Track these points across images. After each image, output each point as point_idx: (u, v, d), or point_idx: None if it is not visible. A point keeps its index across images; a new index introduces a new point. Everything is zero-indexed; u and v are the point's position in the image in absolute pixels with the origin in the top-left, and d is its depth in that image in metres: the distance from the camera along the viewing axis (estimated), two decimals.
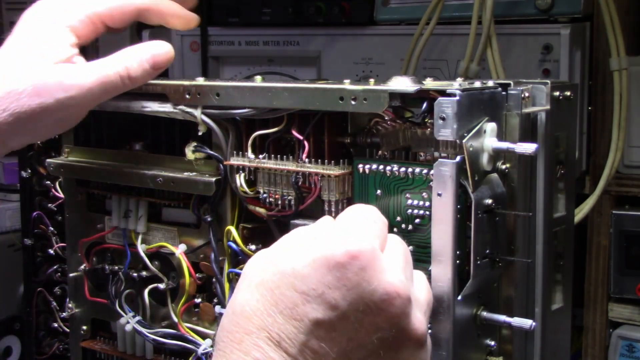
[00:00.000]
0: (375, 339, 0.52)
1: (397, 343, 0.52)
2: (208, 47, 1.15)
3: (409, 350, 0.53)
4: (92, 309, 0.84)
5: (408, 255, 0.57)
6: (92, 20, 0.72)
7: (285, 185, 0.68)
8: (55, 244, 0.88)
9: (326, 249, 0.52)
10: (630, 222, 0.93)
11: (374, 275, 0.51)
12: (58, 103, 0.67)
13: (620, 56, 0.88)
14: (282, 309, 0.51)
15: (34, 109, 0.67)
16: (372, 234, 0.55)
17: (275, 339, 0.51)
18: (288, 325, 0.51)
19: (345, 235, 0.53)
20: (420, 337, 0.53)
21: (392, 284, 0.51)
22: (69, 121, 0.70)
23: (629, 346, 0.95)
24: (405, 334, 0.52)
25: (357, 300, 0.51)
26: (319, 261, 0.51)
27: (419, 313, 0.54)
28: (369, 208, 0.58)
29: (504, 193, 0.60)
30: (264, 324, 0.51)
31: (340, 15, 1.05)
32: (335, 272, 0.51)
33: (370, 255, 0.51)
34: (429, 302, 0.57)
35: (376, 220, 0.57)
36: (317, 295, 0.51)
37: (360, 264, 0.51)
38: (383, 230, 0.57)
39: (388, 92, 0.60)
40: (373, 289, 0.51)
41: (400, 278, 0.52)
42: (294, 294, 0.51)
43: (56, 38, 0.70)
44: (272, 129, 0.68)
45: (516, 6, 0.92)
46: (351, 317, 0.51)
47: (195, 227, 0.75)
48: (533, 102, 0.61)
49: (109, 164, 0.77)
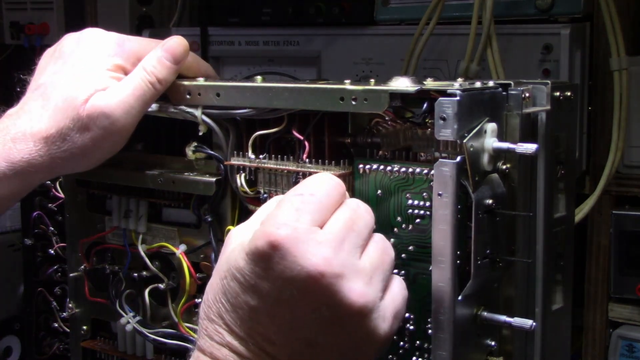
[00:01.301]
0: (314, 317, 0.55)
1: (337, 318, 0.55)
2: (208, 47, 1.15)
3: (353, 322, 0.55)
4: (93, 309, 0.84)
5: (354, 223, 0.57)
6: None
7: (285, 186, 0.68)
8: (56, 244, 0.88)
9: (253, 242, 0.55)
10: (630, 222, 0.93)
11: (295, 260, 0.54)
12: (105, 131, 0.69)
13: (620, 56, 0.88)
14: (229, 298, 0.56)
15: (86, 143, 0.70)
16: (302, 213, 0.56)
17: (228, 325, 0.56)
18: (234, 313, 0.56)
19: (271, 223, 0.55)
20: (360, 308, 0.55)
21: (313, 266, 0.54)
22: (118, 144, 0.72)
23: (629, 346, 0.94)
24: (342, 308, 0.54)
25: (284, 286, 0.54)
26: (249, 254, 0.55)
27: (357, 283, 0.55)
28: (313, 178, 0.59)
29: (505, 193, 0.60)
30: (219, 311, 0.57)
31: (340, 15, 1.05)
32: (261, 264, 0.55)
33: (290, 241, 0.54)
34: (377, 266, 0.57)
35: (315, 192, 0.57)
36: (251, 285, 0.55)
37: (281, 253, 0.54)
38: (323, 201, 0.57)
39: (388, 92, 0.60)
40: (296, 274, 0.54)
41: (325, 255, 0.54)
42: (235, 284, 0.56)
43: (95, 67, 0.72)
44: (273, 129, 0.68)
45: (516, 6, 0.92)
46: (285, 302, 0.55)
47: (195, 227, 0.75)
48: (533, 102, 0.61)
49: (109, 164, 0.77)
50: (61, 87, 0.70)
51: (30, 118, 0.70)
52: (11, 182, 0.70)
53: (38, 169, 0.70)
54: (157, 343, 0.77)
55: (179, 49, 0.72)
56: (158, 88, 0.71)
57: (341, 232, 0.56)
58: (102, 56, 0.72)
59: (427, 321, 0.61)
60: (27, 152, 0.70)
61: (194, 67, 0.75)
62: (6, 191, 0.71)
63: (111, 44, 0.72)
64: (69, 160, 0.70)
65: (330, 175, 0.60)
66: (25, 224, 0.91)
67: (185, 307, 0.76)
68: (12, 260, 1.13)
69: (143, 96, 0.70)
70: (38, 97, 0.71)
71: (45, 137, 0.69)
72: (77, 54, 0.72)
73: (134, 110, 0.70)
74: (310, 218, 0.56)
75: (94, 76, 0.70)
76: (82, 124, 0.69)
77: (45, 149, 0.69)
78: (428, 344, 0.61)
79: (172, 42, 0.72)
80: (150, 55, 0.72)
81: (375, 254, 0.58)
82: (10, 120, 0.71)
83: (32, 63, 0.76)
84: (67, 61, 0.72)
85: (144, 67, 0.71)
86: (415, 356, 0.62)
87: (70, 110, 0.69)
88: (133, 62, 0.72)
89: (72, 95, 0.69)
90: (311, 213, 0.56)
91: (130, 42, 0.73)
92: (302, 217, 0.55)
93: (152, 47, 0.73)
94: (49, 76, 0.72)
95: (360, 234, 0.57)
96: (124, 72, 0.72)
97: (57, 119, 0.69)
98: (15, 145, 0.70)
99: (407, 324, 0.62)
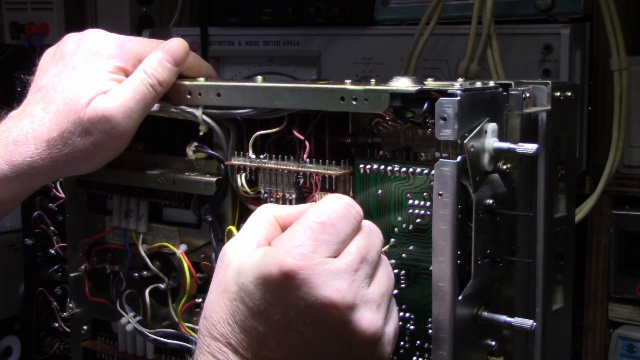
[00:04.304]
0: (323, 345, 0.55)
1: (346, 346, 0.55)
2: (208, 47, 1.15)
3: (362, 349, 0.55)
4: (93, 309, 0.84)
5: (368, 252, 0.57)
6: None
7: (286, 185, 0.68)
8: (56, 244, 0.88)
9: (266, 267, 0.54)
10: (630, 222, 0.93)
11: (309, 292, 0.53)
12: (107, 135, 0.69)
13: (620, 56, 0.88)
14: (237, 320, 0.56)
15: (87, 147, 0.69)
16: (321, 244, 0.55)
17: (234, 346, 0.56)
18: (242, 335, 0.56)
19: (286, 249, 0.54)
20: (371, 336, 0.55)
21: (328, 298, 0.54)
22: (120, 147, 0.72)
23: (629, 346, 0.95)
24: (352, 337, 0.55)
25: (297, 315, 0.54)
26: (260, 279, 0.55)
27: (368, 312, 0.55)
28: (336, 204, 0.57)
29: (505, 193, 0.60)
30: (225, 332, 0.56)
31: (340, 15, 1.05)
32: (275, 291, 0.54)
33: (306, 272, 0.54)
34: (384, 293, 0.57)
35: (336, 222, 0.56)
36: (261, 311, 0.55)
37: (296, 283, 0.54)
38: (342, 232, 0.56)
39: (389, 92, 0.60)
40: (310, 305, 0.54)
41: (339, 287, 0.54)
42: (244, 307, 0.55)
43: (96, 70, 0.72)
44: (273, 129, 0.68)
45: (516, 6, 0.92)
46: (295, 330, 0.55)
47: (196, 227, 0.75)
48: (534, 103, 0.61)
49: (109, 164, 0.77)
50: (62, 89, 0.70)
51: (32, 121, 0.70)
52: (13, 185, 0.70)
53: (39, 172, 0.70)
54: (158, 343, 0.77)
55: (179, 51, 0.72)
56: (159, 90, 0.71)
57: (355, 264, 0.56)
58: (102, 58, 0.72)
59: (427, 321, 0.61)
60: (29, 155, 0.70)
61: (195, 67, 0.75)
62: (8, 194, 0.71)
63: (112, 45, 0.72)
64: (70, 163, 0.70)
65: (351, 202, 0.58)
66: (26, 223, 0.91)
67: (186, 307, 0.76)
68: (12, 260, 1.14)
69: (144, 99, 0.70)
70: (40, 99, 0.71)
71: (47, 140, 0.69)
72: (77, 55, 0.72)
73: (135, 113, 0.70)
74: (327, 250, 0.55)
75: (94, 79, 0.70)
76: (83, 128, 0.69)
77: (47, 151, 0.69)
78: (428, 344, 0.61)
79: (172, 44, 0.72)
80: (150, 57, 0.72)
81: (382, 280, 0.58)
82: (12, 122, 0.71)
83: (32, 63, 0.76)
84: (68, 63, 0.72)
85: (145, 70, 0.71)
86: (416, 356, 0.62)
87: (72, 114, 0.69)
88: (134, 64, 0.72)
89: (74, 99, 0.69)
90: (329, 245, 0.55)
91: (131, 42, 0.73)
92: (319, 249, 0.55)
93: (153, 48, 0.73)
94: (50, 78, 0.72)
95: (372, 263, 0.57)
96: (125, 73, 0.72)
97: (59, 122, 0.69)
98: (17, 148, 0.70)
99: (407, 323, 0.62)
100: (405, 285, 0.62)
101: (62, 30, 1.29)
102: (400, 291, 0.62)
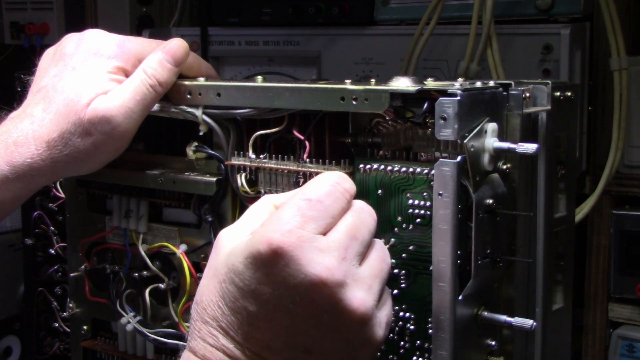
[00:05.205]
0: (313, 324, 0.55)
1: (336, 325, 0.55)
2: (208, 47, 1.15)
3: (353, 329, 0.56)
4: (93, 309, 0.84)
5: (358, 230, 0.57)
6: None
7: (286, 185, 0.68)
8: (56, 244, 0.88)
9: (254, 246, 0.55)
10: (630, 222, 0.93)
11: (298, 269, 0.54)
12: (107, 136, 0.69)
13: (620, 56, 0.88)
14: (227, 302, 0.56)
15: (88, 147, 0.70)
16: (308, 220, 0.55)
17: (224, 329, 0.56)
18: (232, 317, 0.56)
19: (273, 227, 0.55)
20: (361, 315, 0.55)
21: (317, 275, 0.54)
22: (120, 148, 0.72)
23: (629, 346, 0.95)
24: (342, 316, 0.55)
25: (286, 293, 0.54)
26: (250, 258, 0.55)
27: (359, 292, 0.55)
28: (324, 182, 0.58)
29: (505, 193, 0.60)
30: (215, 314, 0.56)
31: (340, 15, 1.05)
32: (263, 269, 0.54)
33: (294, 249, 0.54)
34: (376, 275, 0.57)
35: (323, 199, 0.57)
36: (251, 290, 0.55)
37: (284, 260, 0.54)
38: (329, 208, 0.57)
39: (389, 92, 0.60)
40: (299, 282, 0.54)
41: (328, 264, 0.54)
42: (234, 288, 0.56)
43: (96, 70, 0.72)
44: (273, 129, 0.68)
45: (516, 6, 0.92)
46: (285, 309, 0.55)
47: (196, 227, 0.75)
48: (534, 102, 0.62)
49: (109, 164, 0.77)
50: (62, 90, 0.70)
51: (32, 121, 0.70)
52: (13, 186, 0.70)
53: (40, 173, 0.70)
54: (158, 343, 0.77)
55: (179, 51, 0.72)
56: (159, 91, 0.71)
57: (345, 241, 0.56)
58: (102, 58, 0.72)
59: (427, 321, 0.61)
60: (29, 156, 0.70)
61: (195, 67, 0.75)
62: (8, 194, 0.71)
63: (111, 45, 0.72)
64: (70, 163, 0.70)
65: (340, 178, 0.59)
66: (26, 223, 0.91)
67: (186, 307, 0.76)
68: (12, 260, 1.14)
69: (144, 100, 0.70)
70: (40, 100, 0.71)
71: (47, 141, 0.69)
72: (77, 56, 0.72)
73: (135, 114, 0.70)
74: (315, 226, 0.55)
75: (94, 79, 0.70)
76: (83, 129, 0.69)
77: (47, 152, 0.69)
78: (428, 344, 0.61)
79: (172, 44, 0.72)
80: (150, 57, 0.72)
81: (375, 262, 0.58)
82: (12, 123, 0.71)
83: (32, 63, 0.76)
84: (68, 64, 0.72)
85: (145, 70, 0.71)
86: (416, 356, 0.62)
87: (72, 115, 0.69)
88: (134, 64, 0.72)
89: (74, 99, 0.69)
90: (317, 221, 0.56)
91: (131, 43, 0.73)
92: (307, 225, 0.55)
93: (153, 48, 0.73)
94: (50, 79, 0.72)
95: (363, 241, 0.57)
96: (125, 74, 0.72)
97: (59, 122, 0.69)
98: (17, 149, 0.70)
99: (408, 323, 0.62)
100: (406, 285, 0.62)
101: (62, 30, 1.29)
102: (400, 291, 0.62)
